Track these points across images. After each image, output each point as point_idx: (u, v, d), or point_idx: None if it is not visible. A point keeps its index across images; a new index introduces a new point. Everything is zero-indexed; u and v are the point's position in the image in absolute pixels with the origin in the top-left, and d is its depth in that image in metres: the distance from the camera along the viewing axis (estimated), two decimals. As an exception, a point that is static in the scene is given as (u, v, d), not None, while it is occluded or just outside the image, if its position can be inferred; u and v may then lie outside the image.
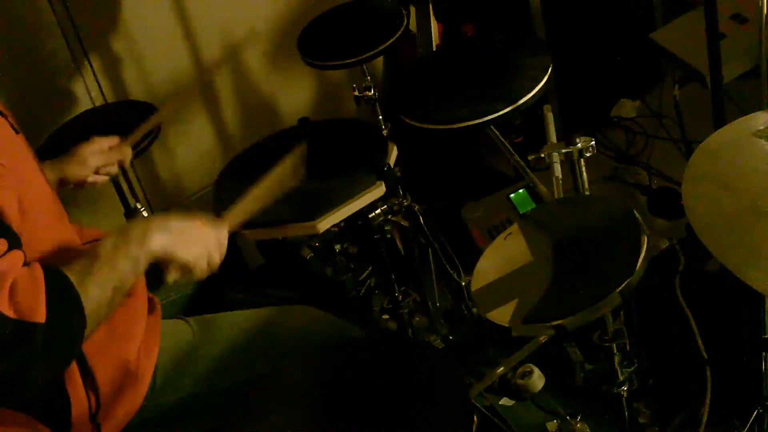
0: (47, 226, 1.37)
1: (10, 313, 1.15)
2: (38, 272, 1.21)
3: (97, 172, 1.79)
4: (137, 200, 2.27)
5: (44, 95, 2.57)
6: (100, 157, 1.78)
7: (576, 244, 1.44)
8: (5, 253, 1.20)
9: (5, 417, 1.34)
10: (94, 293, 1.23)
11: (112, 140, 1.81)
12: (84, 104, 2.65)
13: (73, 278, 1.23)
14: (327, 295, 2.40)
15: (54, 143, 2.19)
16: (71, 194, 1.71)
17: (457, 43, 2.64)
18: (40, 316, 1.16)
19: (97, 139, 1.79)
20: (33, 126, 1.59)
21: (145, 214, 2.23)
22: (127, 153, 1.83)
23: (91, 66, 2.65)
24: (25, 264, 1.23)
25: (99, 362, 1.40)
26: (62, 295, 1.21)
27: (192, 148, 2.91)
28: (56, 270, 1.23)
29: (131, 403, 1.46)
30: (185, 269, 1.35)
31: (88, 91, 2.66)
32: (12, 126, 1.41)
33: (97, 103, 2.66)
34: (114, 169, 1.82)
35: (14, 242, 1.23)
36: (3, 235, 1.21)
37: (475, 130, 1.75)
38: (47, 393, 1.36)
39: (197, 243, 1.36)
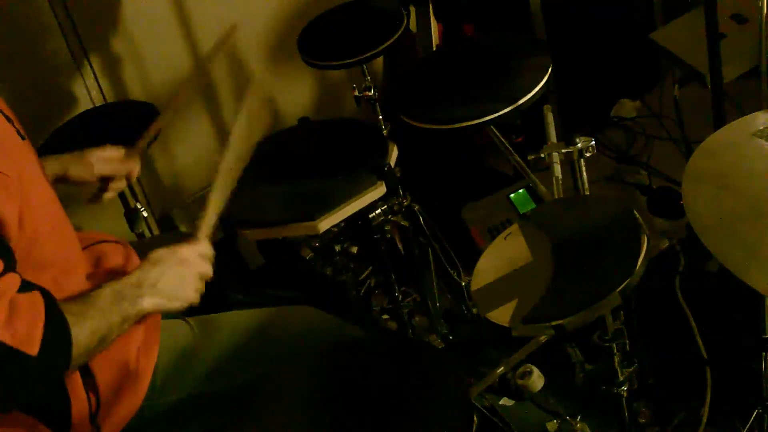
0: (47, 234, 1.36)
1: (5, 337, 1.15)
2: (39, 302, 1.22)
3: (106, 189, 1.75)
4: (137, 200, 2.27)
5: (44, 95, 2.57)
6: (106, 165, 1.72)
7: (576, 244, 1.44)
8: (2, 275, 1.20)
9: (5, 417, 1.34)
10: (83, 339, 1.26)
11: (119, 151, 1.74)
12: (84, 104, 2.65)
13: (69, 318, 1.24)
14: (327, 295, 2.40)
15: (54, 143, 2.19)
16: (71, 195, 1.70)
17: (457, 43, 2.64)
18: (34, 348, 1.18)
19: (108, 147, 1.73)
20: (33, 126, 1.59)
21: (145, 214, 2.23)
22: (136, 166, 1.76)
23: (91, 66, 2.65)
24: (26, 287, 1.23)
25: (99, 362, 1.40)
26: (57, 334, 1.22)
27: (192, 148, 2.91)
28: (56, 305, 1.25)
29: (131, 404, 1.46)
30: (183, 306, 1.42)
31: (88, 91, 2.66)
32: (18, 131, 1.41)
33: (97, 103, 2.66)
34: (122, 184, 1.77)
35: (10, 264, 1.23)
36: (1, 255, 1.21)
37: (475, 130, 1.75)
38: (47, 393, 1.36)
39: (186, 283, 1.41)
